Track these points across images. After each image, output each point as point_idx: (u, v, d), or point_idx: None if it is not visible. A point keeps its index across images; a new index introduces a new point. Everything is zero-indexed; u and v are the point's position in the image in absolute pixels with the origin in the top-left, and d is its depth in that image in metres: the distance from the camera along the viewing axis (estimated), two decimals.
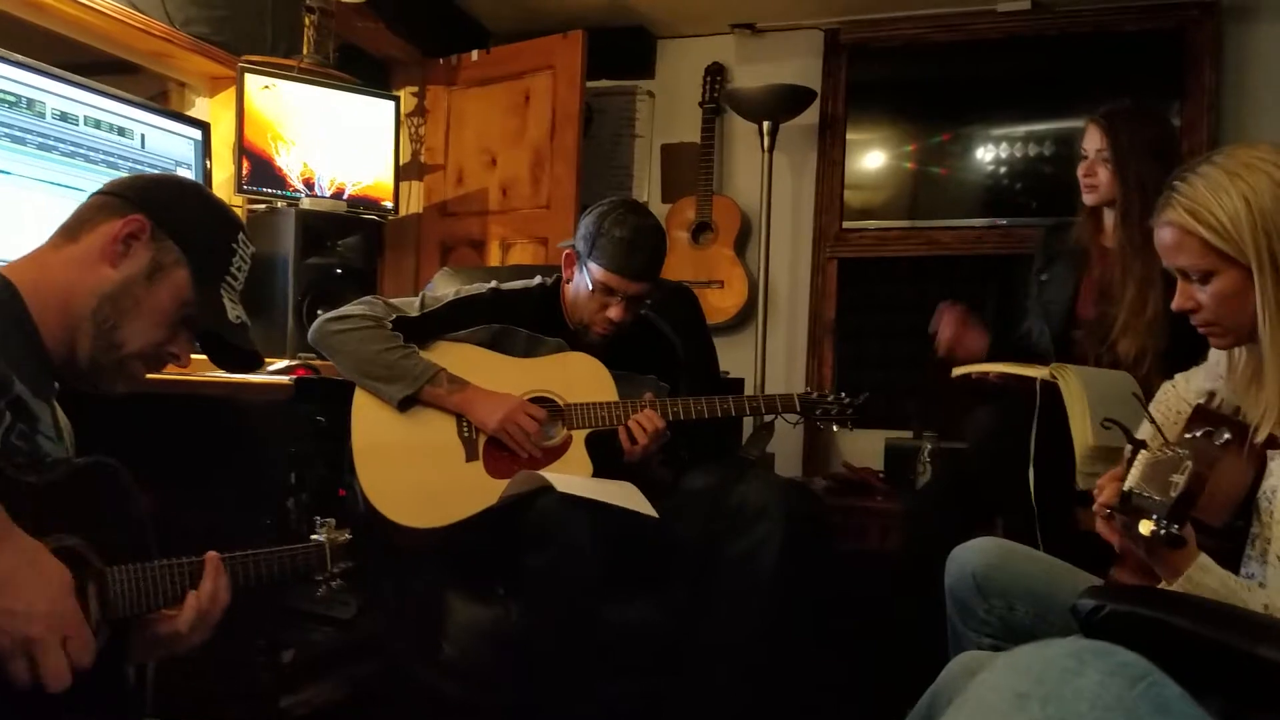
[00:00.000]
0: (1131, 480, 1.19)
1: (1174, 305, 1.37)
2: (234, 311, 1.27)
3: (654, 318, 2.31)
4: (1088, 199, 2.29)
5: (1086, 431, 1.76)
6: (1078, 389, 1.80)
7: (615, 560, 1.85)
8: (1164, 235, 1.34)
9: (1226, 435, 1.19)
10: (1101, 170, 2.24)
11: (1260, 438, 1.25)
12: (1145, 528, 1.10)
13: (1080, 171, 2.30)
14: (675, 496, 2.04)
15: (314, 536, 1.34)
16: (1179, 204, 1.30)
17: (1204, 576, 1.16)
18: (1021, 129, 3.56)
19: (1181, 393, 1.54)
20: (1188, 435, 1.22)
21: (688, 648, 1.93)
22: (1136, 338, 2.10)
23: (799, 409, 2.18)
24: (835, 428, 2.22)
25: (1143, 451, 1.23)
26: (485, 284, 2.19)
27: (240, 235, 1.29)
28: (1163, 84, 3.37)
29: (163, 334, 1.21)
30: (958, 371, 2.08)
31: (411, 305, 2.10)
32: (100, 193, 1.24)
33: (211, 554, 1.19)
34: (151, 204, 1.21)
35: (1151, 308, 2.09)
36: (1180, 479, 1.11)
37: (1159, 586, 1.19)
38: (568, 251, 2.13)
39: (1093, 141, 2.27)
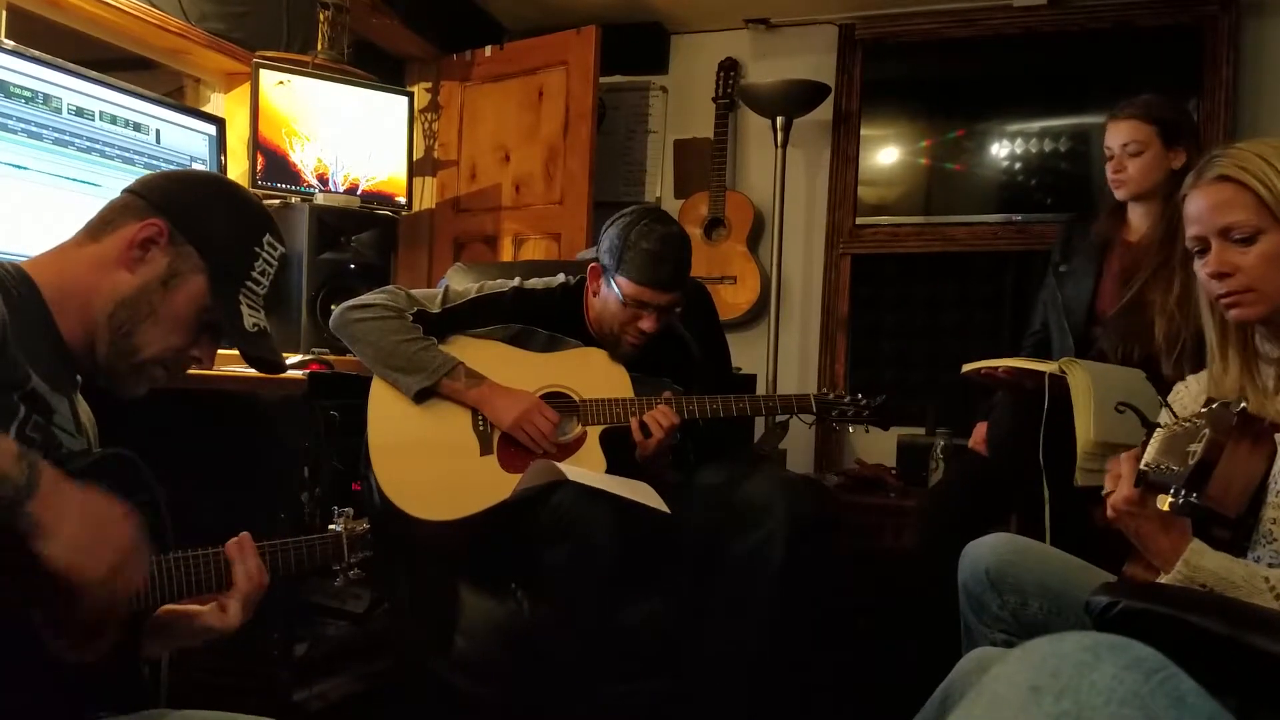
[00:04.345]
0: (1148, 456, 1.18)
1: (1208, 270, 1.35)
2: (252, 319, 1.24)
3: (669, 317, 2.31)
4: (1119, 194, 2.29)
5: (1089, 427, 1.75)
6: (1084, 384, 1.78)
7: (625, 559, 1.84)
8: (1211, 193, 1.33)
9: (1243, 404, 1.18)
10: (1131, 164, 2.24)
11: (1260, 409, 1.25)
12: (1164, 502, 1.09)
13: (1110, 170, 2.29)
14: (683, 492, 2.03)
15: (331, 526, 1.34)
16: (1229, 163, 1.31)
17: (1202, 559, 1.16)
18: (1037, 125, 3.54)
19: (1195, 394, 1.54)
20: (1203, 409, 1.21)
21: (693, 647, 1.93)
22: (1173, 321, 2.10)
23: (815, 410, 2.17)
24: (851, 428, 2.21)
25: (1159, 429, 1.22)
26: (508, 281, 2.18)
27: (266, 237, 1.25)
28: (1180, 79, 3.34)
29: (182, 339, 1.20)
30: (967, 368, 2.07)
31: (433, 300, 2.09)
32: (127, 191, 1.22)
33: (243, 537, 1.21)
34: (172, 207, 1.19)
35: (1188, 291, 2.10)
36: (1198, 447, 1.11)
37: (1158, 580, 1.19)
38: (593, 265, 2.12)
39: (1118, 137, 2.26)
